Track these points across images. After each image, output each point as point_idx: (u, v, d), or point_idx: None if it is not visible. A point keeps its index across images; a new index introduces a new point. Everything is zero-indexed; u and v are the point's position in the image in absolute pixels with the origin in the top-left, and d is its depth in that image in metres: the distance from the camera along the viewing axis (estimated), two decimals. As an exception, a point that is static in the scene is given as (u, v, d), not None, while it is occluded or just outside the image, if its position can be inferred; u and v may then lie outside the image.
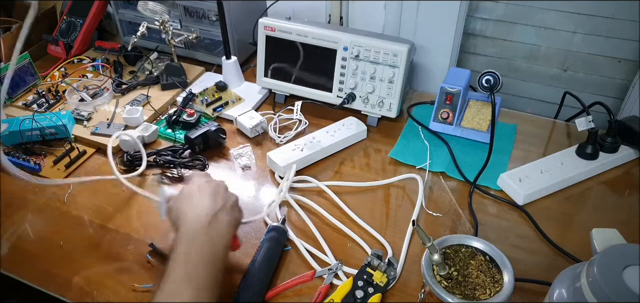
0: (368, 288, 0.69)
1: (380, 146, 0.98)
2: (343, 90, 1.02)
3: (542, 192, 0.85)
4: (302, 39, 1.01)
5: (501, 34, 1.17)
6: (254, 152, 0.96)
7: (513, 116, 1.06)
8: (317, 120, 1.04)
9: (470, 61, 1.24)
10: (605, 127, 0.91)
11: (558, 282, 0.55)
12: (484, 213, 0.82)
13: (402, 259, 0.74)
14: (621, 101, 1.12)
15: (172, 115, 1.02)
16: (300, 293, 0.70)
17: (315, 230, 0.79)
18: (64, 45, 1.25)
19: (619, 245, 0.53)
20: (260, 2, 1.24)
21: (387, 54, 0.96)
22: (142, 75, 1.17)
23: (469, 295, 0.64)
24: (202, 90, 1.09)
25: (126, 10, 1.25)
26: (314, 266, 0.73)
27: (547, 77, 1.19)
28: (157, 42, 1.25)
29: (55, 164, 0.93)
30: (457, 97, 0.96)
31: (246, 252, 0.76)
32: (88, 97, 1.08)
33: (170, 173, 0.92)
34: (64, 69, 1.21)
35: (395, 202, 0.86)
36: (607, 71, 1.12)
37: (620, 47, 1.08)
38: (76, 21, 1.27)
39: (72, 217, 0.83)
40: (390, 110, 1.00)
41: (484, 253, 0.69)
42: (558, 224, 0.80)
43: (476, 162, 0.90)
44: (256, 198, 0.87)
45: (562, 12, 1.09)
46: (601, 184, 0.88)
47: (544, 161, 0.90)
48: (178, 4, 1.17)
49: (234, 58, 1.12)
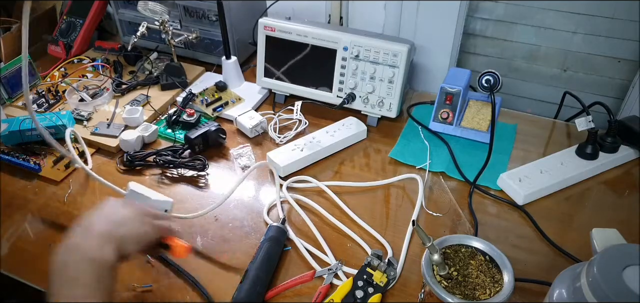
0: (368, 288, 0.69)
1: (380, 146, 0.98)
2: (343, 90, 1.02)
3: (542, 192, 0.85)
4: (302, 39, 1.01)
5: (501, 34, 1.17)
6: (254, 152, 0.96)
7: (513, 116, 1.06)
8: (317, 120, 1.04)
9: (470, 61, 1.24)
10: (605, 127, 0.91)
11: (558, 282, 0.55)
12: (484, 213, 0.82)
13: (402, 259, 0.74)
14: (621, 101, 1.12)
15: (172, 115, 1.02)
16: (300, 293, 0.70)
17: (315, 230, 0.79)
18: (63, 45, 1.25)
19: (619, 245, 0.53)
20: (260, 2, 1.24)
21: (387, 54, 0.96)
22: (142, 75, 1.17)
23: (469, 295, 0.64)
24: (202, 90, 1.09)
25: (126, 10, 1.25)
26: (314, 266, 0.73)
27: (547, 77, 1.19)
28: (157, 42, 1.25)
29: (55, 164, 0.93)
30: (457, 97, 0.96)
31: (246, 252, 0.76)
32: (88, 97, 1.08)
33: (170, 173, 0.92)
34: (63, 69, 1.21)
35: (395, 202, 0.86)
36: (607, 71, 1.12)
37: (620, 47, 1.08)
38: (76, 21, 1.27)
39: (72, 217, 0.83)
40: (390, 110, 1.00)
41: (484, 253, 0.69)
42: (558, 224, 0.80)
43: (476, 162, 0.90)
44: (256, 198, 0.87)
45: (562, 12, 1.09)
46: (601, 184, 0.88)
47: (544, 161, 0.90)
48: (178, 4, 1.17)
49: (234, 58, 1.12)
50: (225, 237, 0.79)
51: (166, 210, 0.78)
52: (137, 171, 0.92)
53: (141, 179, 0.90)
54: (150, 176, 0.91)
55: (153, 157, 0.92)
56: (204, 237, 0.79)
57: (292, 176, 0.89)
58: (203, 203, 0.85)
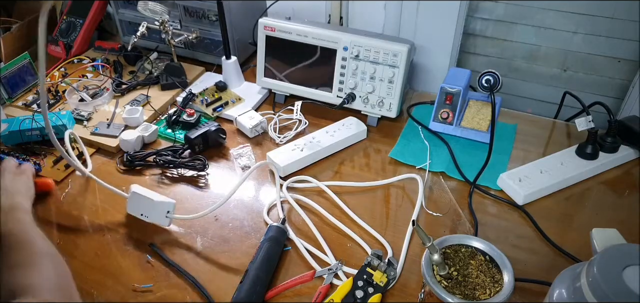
0: (368, 288, 0.69)
1: (380, 146, 0.98)
2: (343, 90, 1.02)
3: (542, 192, 0.85)
4: (302, 39, 1.01)
5: (501, 34, 1.17)
6: (254, 152, 0.96)
7: (513, 116, 1.06)
8: (317, 120, 1.04)
9: (470, 61, 1.24)
10: (605, 127, 0.91)
11: (558, 282, 0.55)
12: (484, 213, 0.82)
13: (402, 259, 0.74)
14: (621, 101, 1.12)
15: (172, 115, 1.02)
16: (300, 293, 0.70)
17: (315, 230, 0.79)
18: (63, 45, 1.25)
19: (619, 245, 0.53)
20: (260, 2, 1.24)
21: (387, 54, 0.96)
22: (142, 75, 1.17)
23: (469, 295, 0.64)
24: (202, 90, 1.09)
25: (126, 10, 1.25)
26: (314, 266, 0.73)
27: (547, 77, 1.19)
28: (157, 42, 1.25)
29: (55, 164, 0.93)
30: (457, 97, 0.96)
31: (246, 252, 0.76)
32: (88, 97, 1.08)
33: (170, 173, 0.92)
34: (63, 69, 1.21)
35: (395, 202, 0.86)
36: (607, 71, 1.12)
37: (620, 47, 1.08)
38: (76, 21, 1.27)
39: (72, 216, 0.83)
40: (390, 110, 1.00)
41: (484, 253, 0.69)
42: (558, 224, 0.80)
43: (476, 162, 0.90)
44: (256, 198, 0.87)
45: (562, 12, 1.09)
46: (601, 184, 0.88)
47: (544, 161, 0.90)
48: (178, 4, 1.17)
49: (234, 58, 1.12)
50: (225, 237, 0.79)
51: (168, 211, 0.78)
52: (137, 171, 0.92)
53: (141, 179, 0.90)
54: (151, 176, 0.91)
55: (153, 157, 0.92)
56: (204, 237, 0.79)
57: (292, 176, 0.89)
58: (203, 204, 0.85)
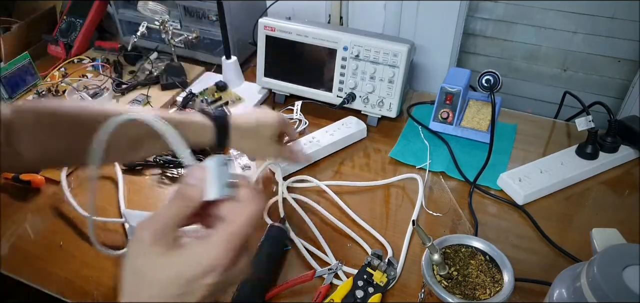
0: (368, 288, 0.68)
1: (380, 146, 0.98)
2: (343, 90, 1.02)
3: (542, 192, 0.85)
4: (302, 38, 1.01)
5: (501, 34, 1.17)
6: (254, 152, 0.96)
7: (513, 116, 1.06)
8: (317, 120, 1.04)
9: (470, 61, 1.24)
10: (605, 127, 0.91)
11: (558, 282, 0.55)
12: (484, 213, 0.82)
13: (402, 259, 0.74)
14: (621, 101, 1.12)
15: (172, 115, 1.02)
16: (300, 293, 0.70)
17: (315, 230, 0.79)
18: (64, 45, 1.25)
19: (619, 245, 0.52)
20: (260, 2, 1.24)
21: (387, 54, 0.96)
22: (142, 75, 1.17)
23: (469, 295, 0.64)
24: (202, 90, 1.09)
25: (126, 10, 1.25)
26: (314, 266, 0.73)
27: (547, 77, 1.19)
28: (157, 42, 1.25)
29: (55, 164, 0.93)
30: (457, 97, 0.96)
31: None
32: (88, 97, 1.08)
33: (170, 173, 0.92)
34: (64, 68, 1.21)
35: (395, 202, 0.86)
36: (607, 71, 1.12)
37: (620, 47, 1.08)
38: (76, 21, 1.27)
39: (72, 216, 0.83)
40: (390, 110, 1.00)
41: (484, 253, 0.69)
42: (558, 224, 0.80)
43: (476, 162, 0.90)
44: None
45: (562, 12, 1.09)
46: (601, 184, 0.88)
47: (544, 161, 0.90)
48: (178, 4, 1.17)
49: (234, 58, 1.12)
50: (225, 237, 0.79)
51: None
52: (137, 171, 0.92)
53: (141, 179, 0.90)
54: (151, 176, 0.91)
55: (153, 157, 0.92)
56: (204, 237, 0.79)
57: (292, 176, 0.89)
58: (203, 203, 0.85)
